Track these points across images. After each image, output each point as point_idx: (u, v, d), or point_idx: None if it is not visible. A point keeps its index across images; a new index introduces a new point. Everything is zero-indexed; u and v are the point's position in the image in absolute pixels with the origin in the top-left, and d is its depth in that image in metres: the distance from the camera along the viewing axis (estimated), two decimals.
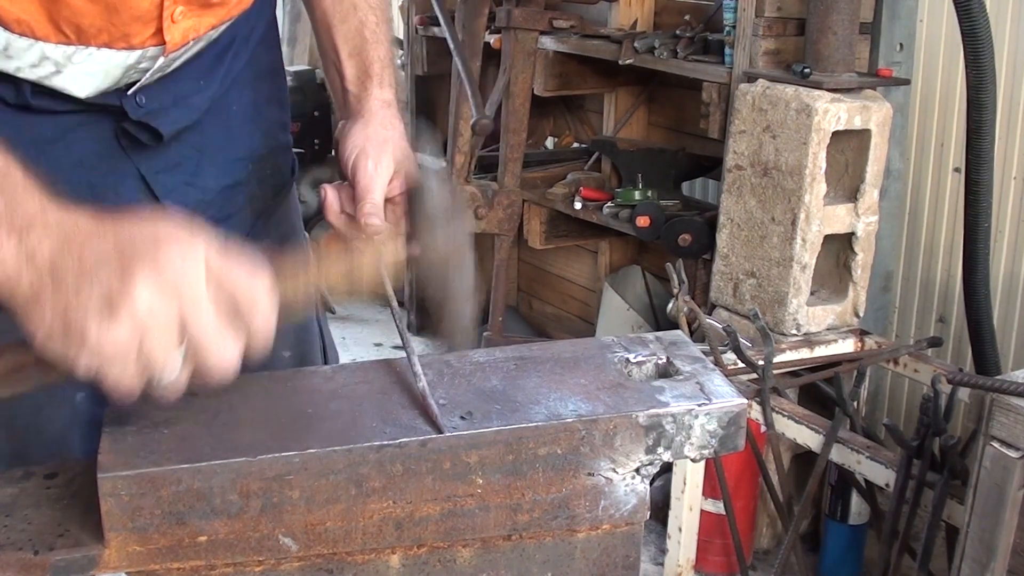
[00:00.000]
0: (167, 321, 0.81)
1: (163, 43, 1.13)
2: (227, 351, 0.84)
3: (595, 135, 4.05)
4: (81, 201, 0.86)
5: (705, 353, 1.28)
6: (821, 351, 2.81)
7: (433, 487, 0.93)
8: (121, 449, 0.89)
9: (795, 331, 2.80)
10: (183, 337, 0.83)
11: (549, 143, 4.36)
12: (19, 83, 1.11)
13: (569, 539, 0.99)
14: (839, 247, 2.85)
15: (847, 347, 2.84)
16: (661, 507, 2.71)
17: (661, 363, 1.06)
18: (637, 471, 0.97)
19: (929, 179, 3.10)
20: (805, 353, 2.79)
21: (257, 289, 0.85)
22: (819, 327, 2.84)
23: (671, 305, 2.72)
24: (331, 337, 1.53)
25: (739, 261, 2.92)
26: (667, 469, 2.62)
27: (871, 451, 2.30)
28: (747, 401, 1.02)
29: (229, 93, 1.29)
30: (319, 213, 1.22)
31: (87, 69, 1.12)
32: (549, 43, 3.62)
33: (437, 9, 3.71)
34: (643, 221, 3.28)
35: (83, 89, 1.14)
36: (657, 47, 3.27)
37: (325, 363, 1.48)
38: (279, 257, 0.91)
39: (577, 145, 4.21)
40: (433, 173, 1.02)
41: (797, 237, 2.74)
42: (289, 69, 4.10)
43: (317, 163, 4.99)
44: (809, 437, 2.40)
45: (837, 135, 2.70)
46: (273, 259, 0.90)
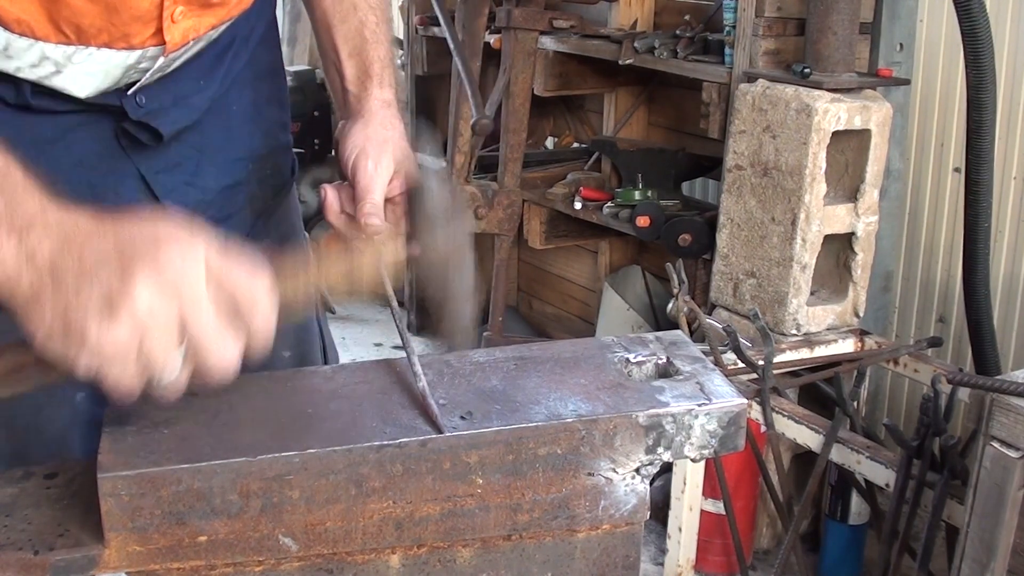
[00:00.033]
0: (167, 321, 0.81)
1: (163, 43, 1.13)
2: (227, 351, 0.84)
3: (595, 135, 4.05)
4: (81, 201, 0.86)
5: (705, 353, 1.28)
6: (821, 351, 2.81)
7: (433, 487, 0.93)
8: (121, 449, 0.89)
9: (795, 331, 2.80)
10: (183, 337, 0.83)
11: (549, 143, 4.36)
12: (19, 83, 1.11)
13: (569, 539, 0.99)
14: (839, 247, 2.85)
15: (847, 347, 2.84)
16: (661, 507, 2.71)
17: (661, 363, 1.06)
18: (637, 471, 0.97)
19: (929, 179, 3.10)
20: (805, 353, 2.79)
21: (257, 289, 0.85)
22: (819, 327, 2.84)
23: (671, 305, 2.72)
24: (331, 337, 1.53)
25: (739, 261, 2.92)
26: (667, 469, 2.62)
27: (871, 451, 2.30)
28: (747, 401, 1.02)
29: (229, 93, 1.29)
30: (319, 213, 1.22)
31: (87, 69, 1.12)
32: (549, 43, 3.62)
33: (437, 9, 3.71)
34: (643, 221, 3.28)
35: (83, 89, 1.14)
36: (657, 47, 3.27)
37: (325, 363, 1.48)
38: (279, 257, 0.91)
39: (577, 145, 4.21)
40: (433, 173, 1.02)
41: (797, 237, 2.74)
42: (289, 69, 4.10)
43: (317, 163, 4.99)
44: (809, 437, 2.40)
45: (837, 135, 2.70)
46: (273, 259, 0.90)
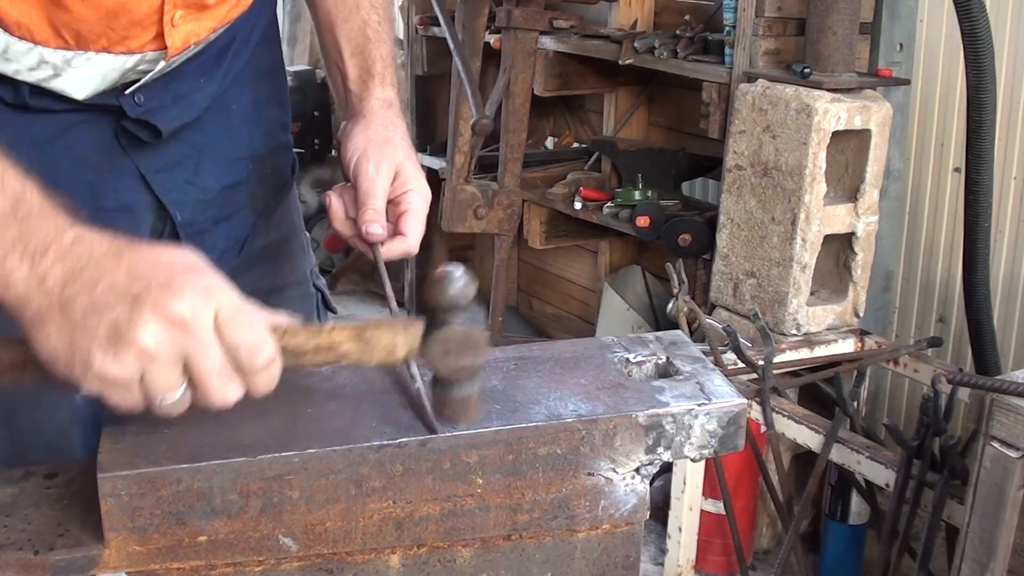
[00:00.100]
0: (171, 358, 0.81)
1: (163, 47, 1.14)
2: (228, 394, 0.84)
3: (595, 135, 4.05)
4: (81, 201, 0.86)
5: (705, 353, 1.28)
6: (821, 351, 2.81)
7: (433, 487, 0.93)
8: (121, 449, 0.89)
9: (795, 331, 2.80)
10: (186, 375, 0.83)
11: (549, 143, 4.36)
12: (17, 84, 1.11)
13: (569, 539, 0.99)
14: (839, 247, 2.85)
15: (847, 347, 2.84)
16: (661, 507, 2.71)
17: (661, 363, 1.06)
18: (637, 471, 0.97)
19: (929, 179, 3.10)
20: (805, 353, 2.79)
21: (265, 348, 0.84)
22: (819, 327, 2.84)
23: (671, 305, 2.72)
24: None
25: (739, 261, 2.92)
26: (667, 469, 2.62)
27: (871, 451, 2.30)
28: (747, 401, 1.02)
29: (229, 92, 1.29)
30: (319, 213, 1.21)
31: (85, 73, 1.11)
32: (549, 43, 3.62)
33: (437, 9, 3.71)
34: (643, 221, 3.28)
35: (80, 91, 1.13)
36: (657, 47, 3.26)
37: None
38: (294, 320, 0.89)
39: (577, 145, 4.21)
40: (458, 269, 0.90)
41: (797, 237, 2.74)
42: (289, 69, 4.10)
43: (317, 163, 4.99)
44: (809, 437, 2.40)
45: (837, 135, 2.70)
46: (287, 321, 0.88)
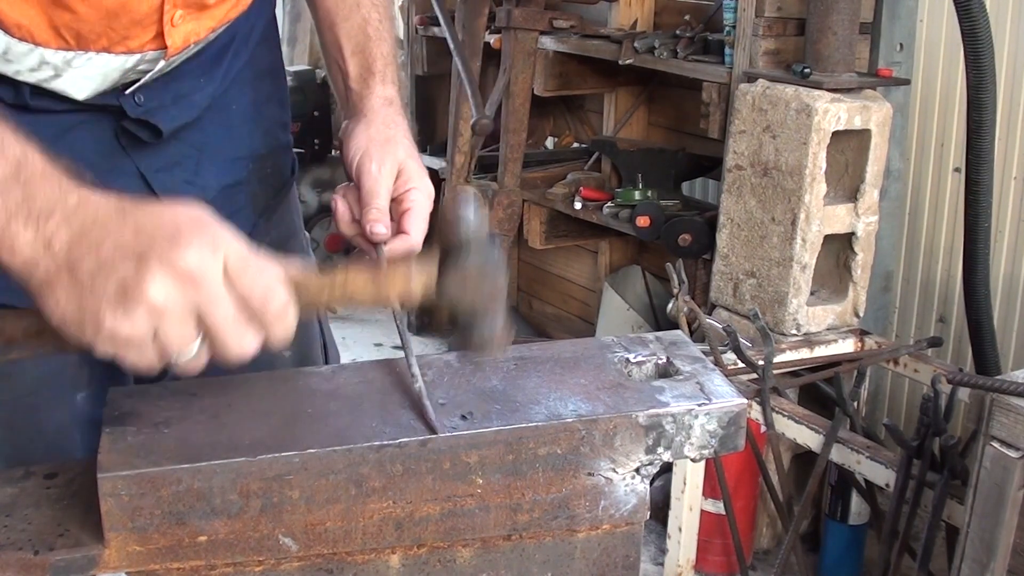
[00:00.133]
0: (183, 312, 0.81)
1: (163, 47, 1.13)
2: (245, 344, 0.84)
3: (595, 135, 4.05)
4: None
5: (705, 353, 1.28)
6: (821, 351, 2.81)
7: (433, 487, 0.93)
8: (121, 449, 0.89)
9: (795, 331, 2.80)
10: (200, 328, 0.82)
11: (549, 143, 4.36)
12: (18, 84, 1.11)
13: (569, 539, 0.99)
14: (839, 247, 2.85)
15: (847, 347, 2.84)
16: (661, 507, 2.71)
17: (661, 363, 1.06)
18: (637, 471, 0.97)
19: (929, 179, 3.10)
20: (805, 353, 2.79)
21: (277, 294, 0.84)
22: (819, 327, 2.84)
23: (671, 305, 2.72)
24: (332, 336, 1.53)
25: (739, 261, 2.92)
26: (667, 469, 2.62)
27: (871, 451, 2.30)
28: (747, 401, 1.02)
29: (229, 92, 1.29)
30: (319, 213, 1.21)
31: (85, 73, 1.11)
32: (549, 43, 3.62)
33: (437, 9, 3.71)
34: (643, 221, 3.28)
35: (81, 91, 1.13)
36: (657, 47, 3.27)
37: (326, 362, 1.48)
38: (305, 266, 0.90)
39: (577, 145, 4.21)
40: (468, 200, 0.93)
41: (797, 237, 2.74)
42: (289, 69, 4.10)
43: (317, 163, 4.98)
44: (809, 437, 2.40)
45: (837, 135, 2.70)
46: (298, 267, 0.89)
